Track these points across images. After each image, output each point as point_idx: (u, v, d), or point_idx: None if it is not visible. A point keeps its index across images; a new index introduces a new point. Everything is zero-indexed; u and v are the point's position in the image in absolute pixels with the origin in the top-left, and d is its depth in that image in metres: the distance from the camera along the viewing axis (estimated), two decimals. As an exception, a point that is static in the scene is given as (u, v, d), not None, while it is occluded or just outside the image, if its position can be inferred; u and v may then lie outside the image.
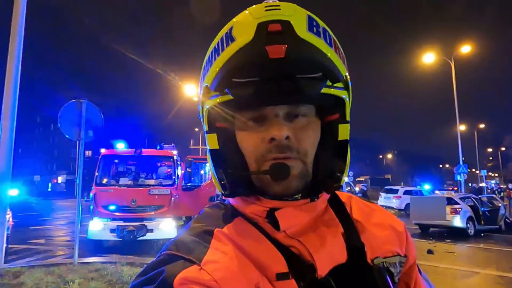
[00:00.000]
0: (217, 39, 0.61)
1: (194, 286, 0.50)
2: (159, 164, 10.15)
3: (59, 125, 6.20)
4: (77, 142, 6.38)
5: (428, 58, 21.42)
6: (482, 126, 46.08)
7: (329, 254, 0.59)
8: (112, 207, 8.35)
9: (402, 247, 0.69)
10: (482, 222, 11.88)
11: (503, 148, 67.70)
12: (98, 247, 8.52)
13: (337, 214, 0.66)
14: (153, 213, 8.48)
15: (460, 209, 11.47)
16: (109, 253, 7.99)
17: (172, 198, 8.65)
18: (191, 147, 32.66)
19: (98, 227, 8.26)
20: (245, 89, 0.56)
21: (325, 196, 0.66)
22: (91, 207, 8.46)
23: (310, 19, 0.58)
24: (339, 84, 0.61)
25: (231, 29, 0.59)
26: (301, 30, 0.55)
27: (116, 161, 9.92)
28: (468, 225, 11.46)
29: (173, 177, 9.11)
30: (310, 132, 0.62)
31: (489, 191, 32.61)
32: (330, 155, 0.63)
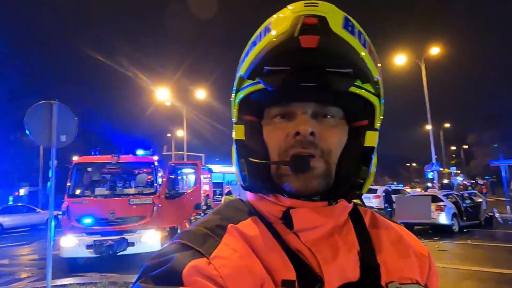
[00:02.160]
0: (257, 32, 0.63)
1: (201, 278, 0.50)
2: (136, 172, 9.39)
3: (26, 130, 5.42)
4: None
5: (399, 59, 21.85)
6: (447, 125, 48.17)
7: (340, 269, 0.57)
8: (87, 221, 7.55)
9: (423, 275, 0.65)
10: (465, 218, 12.04)
11: (465, 146, 71.15)
12: (72, 265, 7.67)
13: (356, 229, 0.63)
14: (134, 224, 7.77)
15: (444, 206, 11.55)
16: (86, 272, 7.21)
17: (155, 208, 7.96)
18: (165, 153, 31.55)
19: (72, 243, 7.44)
20: (275, 77, 0.57)
21: (345, 205, 0.63)
22: (63, 221, 7.60)
23: (346, 19, 0.59)
24: (370, 88, 0.60)
25: (270, 23, 0.61)
26: (336, 26, 0.56)
27: (89, 169, 9.07)
28: (453, 221, 11.56)
29: (155, 184, 8.41)
30: (336, 132, 0.61)
31: (461, 187, 33.84)
32: (354, 161, 0.61)
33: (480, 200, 13.47)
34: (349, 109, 0.63)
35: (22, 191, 53.55)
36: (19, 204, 23.30)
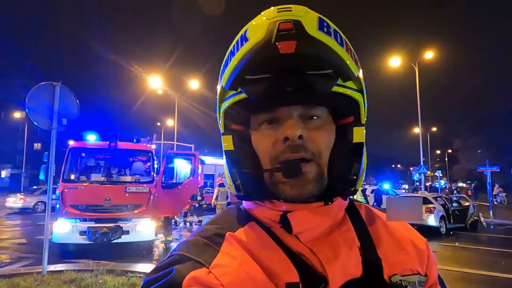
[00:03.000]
0: (233, 42, 0.62)
1: None
2: (131, 159, 9.25)
3: (26, 110, 5.26)
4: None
5: (394, 61, 22.04)
6: (434, 129, 49.05)
7: (343, 267, 0.57)
8: (82, 207, 7.40)
9: (422, 265, 0.66)
10: (452, 221, 12.31)
11: (449, 151, 72.61)
12: (63, 252, 7.53)
13: (354, 225, 0.64)
14: (129, 213, 7.66)
15: (434, 209, 11.78)
16: (77, 259, 7.08)
17: (151, 197, 7.86)
18: (154, 142, 31.23)
19: (65, 229, 7.30)
20: (257, 86, 0.57)
21: (341, 202, 0.65)
22: (57, 206, 7.44)
23: (321, 20, 0.59)
24: (352, 85, 0.61)
25: (245, 31, 0.60)
26: (311, 29, 0.56)
27: (83, 154, 8.88)
28: (441, 223, 11.81)
29: (152, 173, 8.30)
30: (324, 133, 0.61)
31: (446, 190, 34.59)
32: (345, 158, 0.62)
33: (467, 203, 13.78)
34: (334, 107, 0.63)
35: (3, 173, 52.16)
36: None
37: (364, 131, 0.63)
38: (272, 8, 0.60)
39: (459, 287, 6.05)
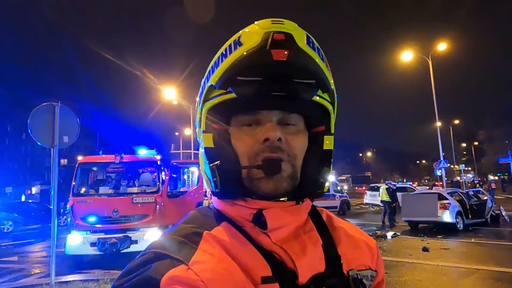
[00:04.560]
0: (225, 46, 0.66)
1: (181, 287, 0.51)
2: (141, 171, 9.55)
3: (29, 131, 5.59)
4: (52, 149, 5.77)
5: (406, 56, 21.65)
6: (457, 122, 47.47)
7: (309, 262, 0.62)
8: (92, 219, 7.72)
9: (373, 262, 0.74)
10: (470, 216, 11.93)
11: (476, 143, 70.02)
12: (77, 263, 7.86)
13: (316, 226, 0.69)
14: (137, 223, 7.92)
15: (449, 204, 11.46)
16: (90, 269, 7.38)
17: (157, 206, 8.10)
18: (172, 151, 31.85)
19: (77, 241, 7.63)
20: (248, 87, 0.62)
21: (307, 204, 0.70)
22: (69, 219, 7.80)
23: (308, 37, 0.65)
24: (327, 97, 0.69)
25: (239, 37, 0.65)
26: (301, 42, 0.63)
27: (94, 169, 9.27)
28: (457, 219, 11.47)
29: (158, 183, 8.55)
30: (299, 138, 0.67)
31: (468, 184, 33.39)
32: (316, 163, 0.68)
33: (485, 198, 13.31)
34: (309, 116, 0.69)
35: (34, 190, 54.52)
36: (30, 201, 23.58)
37: (333, 140, 0.70)
38: (265, 19, 0.65)
39: (467, 284, 5.90)
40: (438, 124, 21.71)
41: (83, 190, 8.43)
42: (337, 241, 0.70)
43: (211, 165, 0.65)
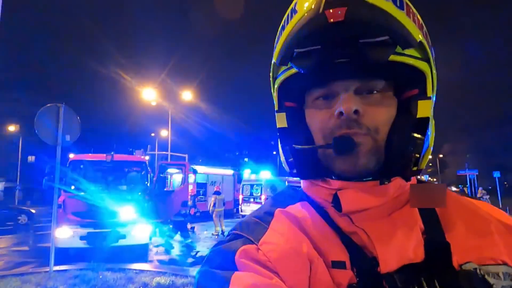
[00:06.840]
0: (285, 16, 0.61)
1: (252, 262, 0.53)
2: (126, 170, 10.04)
3: (35, 130, 6.06)
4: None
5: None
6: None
7: (398, 249, 0.54)
8: (81, 214, 8.15)
9: None
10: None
11: (441, 156, 73.97)
12: (64, 255, 8.22)
13: (420, 208, 0.59)
14: (125, 218, 8.41)
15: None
16: (78, 262, 7.76)
17: (145, 204, 8.65)
18: (148, 152, 31.84)
19: (67, 234, 8.01)
20: (307, 59, 0.56)
21: (400, 183, 0.59)
22: (58, 214, 8.17)
23: None
24: (414, 53, 0.56)
25: (295, 3, 0.58)
26: None
27: (83, 166, 9.65)
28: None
29: (146, 182, 9.10)
30: (382, 108, 0.58)
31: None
32: (407, 134, 0.57)
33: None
34: (396, 79, 0.59)
35: (-1, 186, 52.11)
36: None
37: (431, 105, 0.58)
38: None
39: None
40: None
41: (73, 186, 8.83)
42: (449, 225, 0.58)
43: (284, 148, 0.63)
